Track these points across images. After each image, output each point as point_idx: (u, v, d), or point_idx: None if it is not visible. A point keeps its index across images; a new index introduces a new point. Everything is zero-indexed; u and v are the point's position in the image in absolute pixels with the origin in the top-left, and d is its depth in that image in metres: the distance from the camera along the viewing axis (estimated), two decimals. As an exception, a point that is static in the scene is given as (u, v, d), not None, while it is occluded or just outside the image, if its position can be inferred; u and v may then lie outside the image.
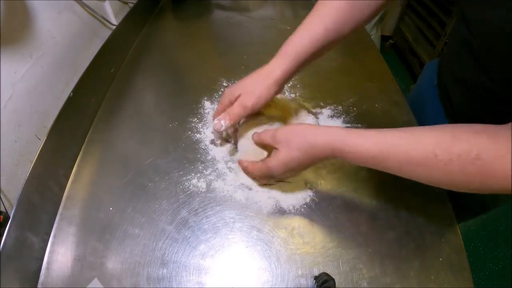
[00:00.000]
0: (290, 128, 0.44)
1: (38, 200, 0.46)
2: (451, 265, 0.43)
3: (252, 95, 0.46)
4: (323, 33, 0.46)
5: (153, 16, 0.97)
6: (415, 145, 0.34)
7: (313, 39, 0.46)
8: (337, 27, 0.47)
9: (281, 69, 0.47)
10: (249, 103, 0.46)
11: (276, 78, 0.47)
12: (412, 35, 2.04)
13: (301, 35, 0.47)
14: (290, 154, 0.42)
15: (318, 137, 0.40)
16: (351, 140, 0.38)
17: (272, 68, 0.48)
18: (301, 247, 0.45)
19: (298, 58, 0.47)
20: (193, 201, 0.50)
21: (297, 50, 0.47)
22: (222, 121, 0.47)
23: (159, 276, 0.42)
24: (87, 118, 0.63)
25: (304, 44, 0.47)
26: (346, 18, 0.47)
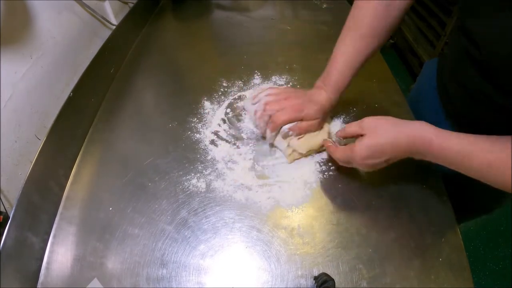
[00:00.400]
0: (378, 117, 0.45)
1: (38, 200, 0.46)
2: (451, 265, 0.43)
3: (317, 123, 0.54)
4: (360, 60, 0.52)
5: (153, 16, 0.97)
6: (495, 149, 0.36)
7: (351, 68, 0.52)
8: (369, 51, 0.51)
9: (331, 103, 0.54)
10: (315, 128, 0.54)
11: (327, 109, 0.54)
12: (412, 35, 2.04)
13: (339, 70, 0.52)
14: (376, 139, 0.42)
15: (407, 126, 0.42)
16: (438, 132, 0.39)
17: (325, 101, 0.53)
18: (300, 248, 0.45)
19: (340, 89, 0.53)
20: (193, 201, 0.50)
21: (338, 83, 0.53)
22: (290, 132, 0.53)
23: (158, 276, 0.42)
24: (87, 118, 0.63)
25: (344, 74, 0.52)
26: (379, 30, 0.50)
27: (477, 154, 0.37)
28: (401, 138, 0.41)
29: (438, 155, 0.39)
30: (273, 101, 0.55)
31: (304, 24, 0.92)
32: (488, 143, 0.37)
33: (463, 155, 0.37)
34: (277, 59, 0.77)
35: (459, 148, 0.38)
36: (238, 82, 0.70)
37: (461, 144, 0.38)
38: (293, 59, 0.76)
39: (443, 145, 0.39)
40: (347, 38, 0.52)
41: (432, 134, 0.39)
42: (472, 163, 0.37)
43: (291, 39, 0.86)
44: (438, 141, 0.39)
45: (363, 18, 0.50)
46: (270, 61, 0.76)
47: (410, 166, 0.42)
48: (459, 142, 0.38)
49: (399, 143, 0.41)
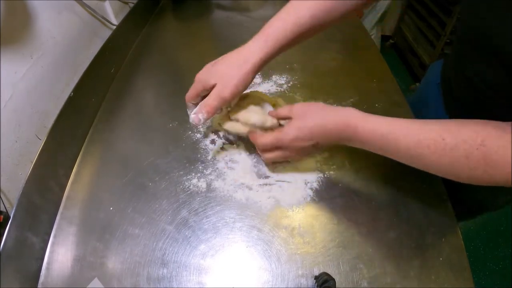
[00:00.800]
0: (308, 103, 0.45)
1: (38, 200, 0.46)
2: (452, 265, 0.43)
3: (229, 86, 0.43)
4: (308, 21, 0.44)
5: (153, 16, 0.97)
6: (424, 129, 0.36)
7: (297, 25, 0.44)
8: (324, 15, 0.45)
9: (261, 54, 0.44)
10: (227, 94, 0.43)
11: (255, 64, 0.44)
12: (412, 35, 2.04)
13: (284, 19, 0.45)
14: (304, 122, 0.43)
15: (335, 111, 0.42)
16: (366, 117, 0.40)
17: (250, 53, 0.44)
18: (301, 247, 0.45)
19: (278, 43, 0.44)
20: (193, 201, 0.50)
21: (278, 36, 0.44)
22: (200, 115, 0.44)
23: (159, 276, 0.42)
24: (87, 118, 0.63)
25: (286, 29, 0.44)
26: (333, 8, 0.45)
27: (406, 135, 0.36)
28: (328, 122, 0.42)
29: (364, 139, 0.40)
30: None
31: (304, 24, 0.92)
32: (418, 124, 0.37)
33: (390, 137, 0.37)
34: (277, 58, 0.75)
35: (386, 130, 0.38)
36: (238, 82, 0.70)
37: (389, 126, 0.38)
38: (293, 59, 0.76)
39: (367, 128, 0.39)
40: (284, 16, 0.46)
41: (359, 118, 0.40)
42: (400, 144, 0.37)
43: (291, 39, 0.86)
44: (364, 125, 0.39)
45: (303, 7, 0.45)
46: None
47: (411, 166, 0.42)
48: (388, 124, 0.38)
49: (326, 127, 0.42)
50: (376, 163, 0.53)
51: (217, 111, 0.45)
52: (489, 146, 0.31)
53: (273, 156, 0.47)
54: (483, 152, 0.32)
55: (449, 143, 0.33)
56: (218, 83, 0.44)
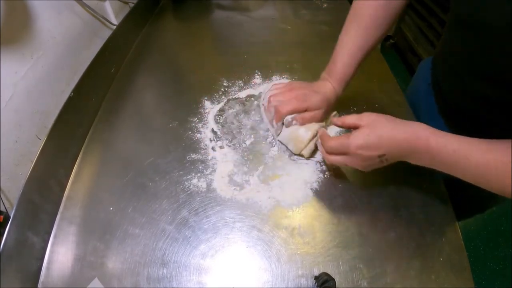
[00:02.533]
0: (377, 113, 0.44)
1: (38, 200, 0.46)
2: (452, 265, 0.43)
3: (321, 113, 0.54)
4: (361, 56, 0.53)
5: (154, 16, 0.97)
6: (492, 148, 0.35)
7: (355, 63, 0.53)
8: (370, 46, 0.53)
9: (336, 94, 0.55)
10: (319, 118, 0.54)
11: (332, 100, 0.55)
12: (412, 35, 2.04)
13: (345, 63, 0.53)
14: (374, 130, 0.42)
15: (405, 123, 0.42)
16: (436, 131, 0.39)
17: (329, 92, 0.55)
18: (301, 247, 0.45)
19: (345, 82, 0.55)
20: (194, 201, 0.50)
21: (346, 77, 0.54)
22: (294, 121, 0.53)
23: (159, 276, 0.42)
24: (87, 118, 0.63)
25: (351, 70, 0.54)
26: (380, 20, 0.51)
27: (475, 153, 0.36)
28: (399, 133, 0.41)
29: (435, 153, 0.39)
30: (278, 93, 0.56)
31: (305, 24, 0.92)
32: (485, 144, 0.36)
33: (461, 154, 0.37)
34: (278, 58, 0.77)
35: (457, 146, 0.37)
36: (238, 81, 0.70)
37: (459, 142, 0.37)
38: (293, 59, 0.76)
39: (440, 143, 0.38)
40: (350, 30, 0.53)
41: (430, 132, 0.39)
42: (470, 162, 0.36)
43: (292, 39, 0.86)
44: (436, 138, 0.38)
45: (365, 10, 0.51)
46: (270, 61, 0.76)
47: (410, 165, 0.42)
48: (457, 140, 0.38)
49: (396, 138, 0.41)
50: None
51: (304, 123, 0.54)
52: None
53: (337, 160, 0.46)
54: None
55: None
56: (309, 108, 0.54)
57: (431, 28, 1.81)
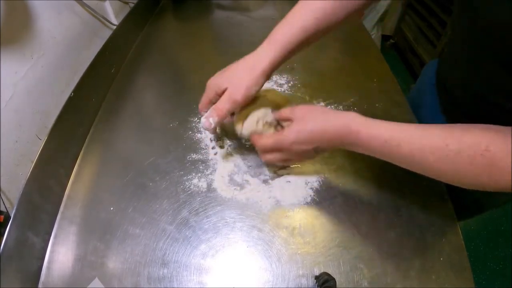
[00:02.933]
0: (310, 106, 0.44)
1: (39, 200, 0.46)
2: (452, 265, 0.43)
3: (240, 88, 0.44)
4: (313, 24, 0.45)
5: (154, 16, 0.97)
6: (427, 135, 0.35)
7: (303, 29, 0.45)
8: (329, 18, 0.46)
9: (270, 59, 0.44)
10: (238, 97, 0.44)
11: (264, 69, 0.44)
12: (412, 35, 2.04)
13: (290, 23, 0.45)
14: (304, 125, 0.42)
15: (336, 115, 0.42)
16: (368, 122, 0.39)
17: (259, 57, 0.45)
18: (301, 247, 0.45)
19: (286, 48, 0.45)
20: (194, 201, 0.50)
21: (286, 40, 0.45)
22: (211, 119, 0.44)
23: (160, 276, 0.42)
24: (87, 118, 0.63)
25: (293, 33, 0.45)
26: (338, 10, 0.46)
27: (409, 141, 0.36)
28: (328, 126, 0.41)
29: (366, 145, 0.39)
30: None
31: (305, 24, 0.92)
32: (421, 130, 0.36)
33: (393, 143, 0.37)
34: (278, 59, 0.77)
35: (388, 136, 0.37)
36: (238, 82, 0.70)
37: (391, 131, 0.37)
38: (293, 59, 0.75)
39: (371, 134, 0.38)
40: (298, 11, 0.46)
41: (361, 124, 0.39)
42: (403, 150, 0.36)
43: (292, 39, 0.86)
44: (367, 130, 0.38)
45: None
46: (270, 61, 0.76)
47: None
48: (389, 130, 0.37)
49: (326, 130, 0.41)
50: (376, 163, 0.53)
51: (228, 115, 0.45)
52: (494, 152, 0.31)
53: (273, 158, 0.46)
54: (488, 158, 0.31)
55: (453, 150, 0.33)
56: (229, 87, 0.44)
57: (431, 28, 1.81)
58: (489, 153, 0.31)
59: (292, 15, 0.46)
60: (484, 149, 0.31)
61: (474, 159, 0.32)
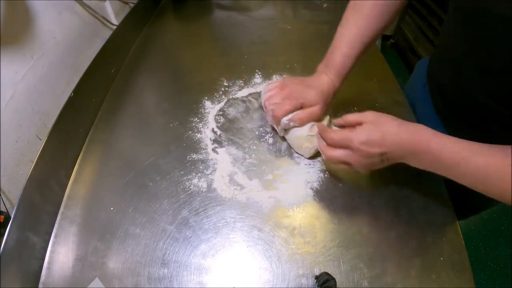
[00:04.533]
0: (379, 113, 0.44)
1: (39, 200, 0.46)
2: (452, 265, 0.43)
3: (319, 109, 0.52)
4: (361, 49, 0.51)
5: (154, 16, 0.97)
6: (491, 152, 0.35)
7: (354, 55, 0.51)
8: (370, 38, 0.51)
9: (334, 87, 0.53)
10: (318, 114, 0.52)
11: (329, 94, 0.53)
12: (413, 34, 2.04)
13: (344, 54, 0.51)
14: (378, 127, 0.41)
15: (407, 123, 0.41)
16: (438, 133, 0.39)
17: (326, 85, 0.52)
18: (302, 247, 0.45)
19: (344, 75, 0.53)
20: (194, 201, 0.50)
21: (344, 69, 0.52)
22: (291, 123, 0.52)
23: (160, 276, 0.42)
24: (88, 118, 0.63)
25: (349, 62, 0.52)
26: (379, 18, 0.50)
27: (476, 157, 0.36)
28: (401, 131, 0.40)
29: (436, 154, 0.38)
30: (271, 96, 0.54)
31: (305, 23, 0.92)
32: (486, 148, 0.36)
33: (461, 156, 0.37)
34: (278, 58, 0.77)
35: (458, 149, 0.37)
36: (239, 81, 0.71)
37: (460, 145, 0.37)
38: (293, 59, 0.76)
39: (441, 144, 0.38)
40: (349, 20, 0.52)
41: (431, 134, 0.39)
42: (470, 165, 0.36)
43: (292, 38, 0.86)
44: (437, 140, 0.38)
45: (364, 6, 0.51)
46: (270, 61, 0.76)
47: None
48: (458, 143, 0.38)
49: (400, 136, 0.40)
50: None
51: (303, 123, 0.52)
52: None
53: (337, 155, 0.44)
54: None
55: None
56: (305, 104, 0.52)
57: (431, 28, 1.81)
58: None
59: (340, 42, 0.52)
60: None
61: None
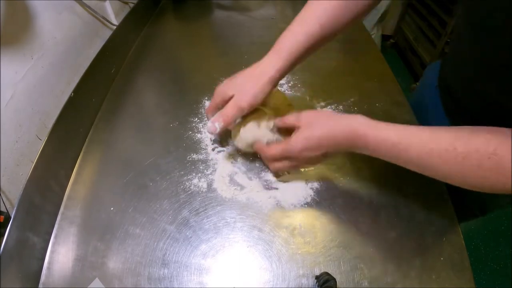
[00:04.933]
0: (316, 111, 0.45)
1: (39, 200, 0.46)
2: (453, 265, 0.43)
3: (247, 95, 0.45)
4: (317, 30, 0.45)
5: (154, 16, 0.97)
6: (435, 138, 0.35)
7: (308, 36, 0.45)
8: (332, 24, 0.46)
9: (276, 67, 0.45)
10: (244, 104, 0.45)
11: (270, 77, 0.45)
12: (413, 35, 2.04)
13: (295, 32, 0.46)
14: (312, 131, 0.42)
15: (343, 119, 0.41)
16: (375, 125, 0.39)
17: (266, 66, 0.46)
18: (302, 247, 0.45)
19: (292, 55, 0.46)
20: (194, 201, 0.50)
21: (291, 48, 0.46)
22: (216, 124, 0.45)
23: (160, 276, 0.42)
24: (88, 118, 0.63)
25: (298, 40, 0.45)
26: (340, 15, 0.46)
27: (416, 145, 0.36)
28: (336, 131, 0.41)
29: (374, 148, 0.39)
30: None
31: (305, 23, 0.92)
32: (428, 133, 0.36)
33: (401, 147, 0.37)
34: (278, 58, 0.77)
35: (396, 140, 0.37)
36: (238, 82, 0.70)
37: (399, 135, 0.37)
38: (293, 59, 0.76)
39: (378, 137, 0.38)
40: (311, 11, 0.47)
41: (368, 127, 0.39)
42: (411, 154, 0.36)
43: (292, 38, 0.86)
44: (373, 133, 0.38)
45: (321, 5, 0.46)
46: (270, 61, 0.76)
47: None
48: (397, 133, 0.38)
49: (335, 136, 0.41)
50: (376, 163, 0.53)
51: (233, 120, 0.46)
52: (502, 155, 0.31)
53: (281, 166, 0.47)
54: (495, 161, 0.31)
55: (461, 152, 0.33)
56: (236, 94, 0.45)
57: (432, 28, 1.81)
58: (496, 156, 0.31)
59: (296, 22, 0.47)
60: (492, 152, 0.31)
61: (482, 162, 0.32)
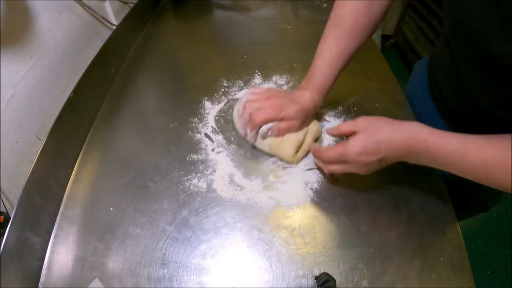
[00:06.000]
0: (372, 117, 0.44)
1: (39, 200, 0.46)
2: (453, 265, 0.43)
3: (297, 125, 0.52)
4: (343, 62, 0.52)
5: (154, 16, 0.97)
6: (489, 146, 0.35)
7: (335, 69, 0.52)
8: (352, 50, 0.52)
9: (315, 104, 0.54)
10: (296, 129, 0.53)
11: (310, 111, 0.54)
12: (413, 35, 2.04)
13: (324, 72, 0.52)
14: (371, 135, 0.41)
15: (402, 125, 0.41)
16: (434, 132, 0.39)
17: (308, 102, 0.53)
18: (301, 247, 0.45)
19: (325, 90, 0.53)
20: (194, 201, 0.50)
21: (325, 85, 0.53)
22: (270, 132, 0.52)
23: (160, 276, 0.42)
24: (87, 118, 0.63)
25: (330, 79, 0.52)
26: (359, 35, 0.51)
27: (473, 152, 0.36)
28: (396, 136, 0.40)
29: (433, 154, 0.39)
30: (254, 100, 0.54)
31: (305, 23, 0.92)
32: (484, 141, 0.36)
33: (459, 154, 0.37)
34: (278, 58, 0.77)
35: (456, 146, 0.37)
36: (238, 82, 0.70)
37: (457, 142, 0.37)
38: (293, 59, 0.76)
39: (438, 142, 0.38)
40: (330, 37, 0.52)
41: (428, 133, 0.39)
42: (468, 162, 0.36)
43: (292, 38, 0.86)
44: (433, 138, 0.38)
45: (345, 17, 0.50)
46: (270, 61, 0.76)
47: (411, 165, 0.42)
48: (455, 140, 0.37)
49: (394, 140, 0.41)
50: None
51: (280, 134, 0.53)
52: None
53: (337, 169, 0.46)
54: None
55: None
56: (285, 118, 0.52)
57: (431, 28, 1.81)
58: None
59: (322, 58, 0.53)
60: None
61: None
